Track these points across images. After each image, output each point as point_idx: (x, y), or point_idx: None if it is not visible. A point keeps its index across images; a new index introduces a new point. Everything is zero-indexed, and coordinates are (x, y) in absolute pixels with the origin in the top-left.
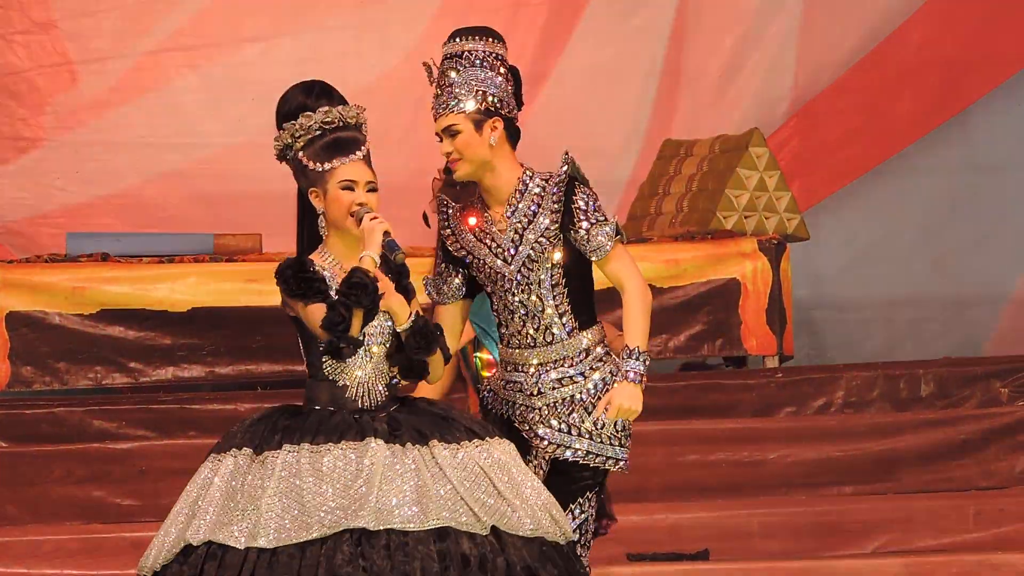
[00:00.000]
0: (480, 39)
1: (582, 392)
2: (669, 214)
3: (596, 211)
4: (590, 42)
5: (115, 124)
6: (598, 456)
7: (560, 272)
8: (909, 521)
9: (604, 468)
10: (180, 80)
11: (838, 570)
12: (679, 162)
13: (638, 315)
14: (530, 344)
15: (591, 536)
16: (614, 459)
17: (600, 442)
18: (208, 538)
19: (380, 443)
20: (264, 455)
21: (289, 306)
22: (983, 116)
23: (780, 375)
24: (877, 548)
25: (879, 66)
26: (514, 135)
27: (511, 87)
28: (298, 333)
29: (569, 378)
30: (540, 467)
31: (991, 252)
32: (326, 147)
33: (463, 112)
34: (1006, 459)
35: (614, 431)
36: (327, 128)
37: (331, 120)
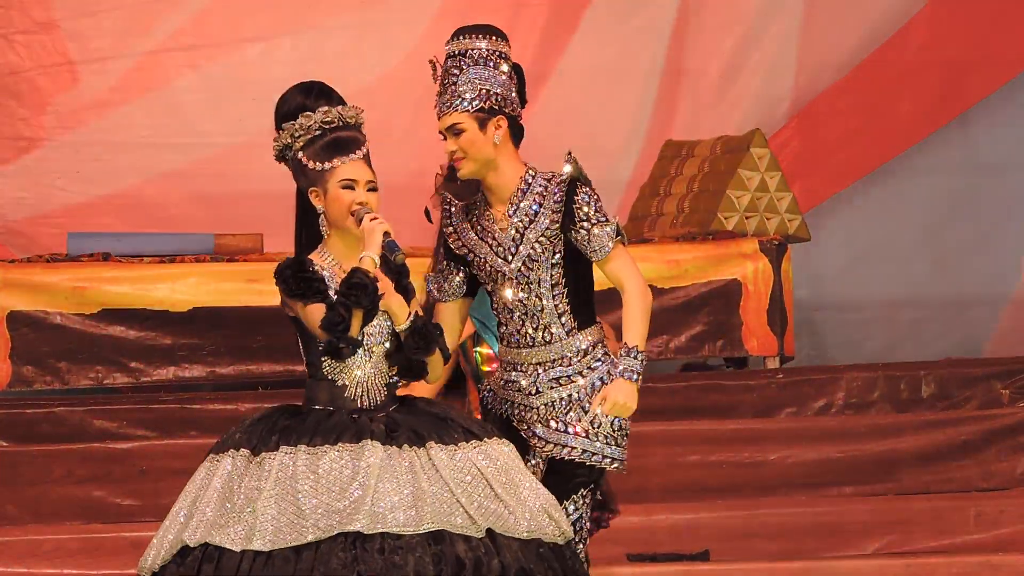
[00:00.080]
0: (483, 37)
1: (579, 392)
2: (670, 215)
3: (597, 212)
4: (591, 42)
5: (116, 124)
6: (593, 455)
7: (560, 272)
8: (910, 522)
9: (600, 467)
10: (181, 80)
11: (839, 571)
12: (680, 163)
13: (637, 315)
14: (529, 343)
15: (587, 534)
16: (610, 458)
17: (596, 441)
18: (205, 540)
19: (376, 445)
20: (261, 456)
21: (288, 306)
22: (984, 117)
23: (781, 376)
24: (878, 549)
25: (880, 67)
26: (518, 133)
27: (515, 85)
28: (297, 333)
29: (567, 377)
30: (538, 467)
31: (992, 253)
32: (326, 147)
33: (467, 111)
34: (1007, 460)
35: (610, 430)
36: (327, 128)
37: (331, 120)
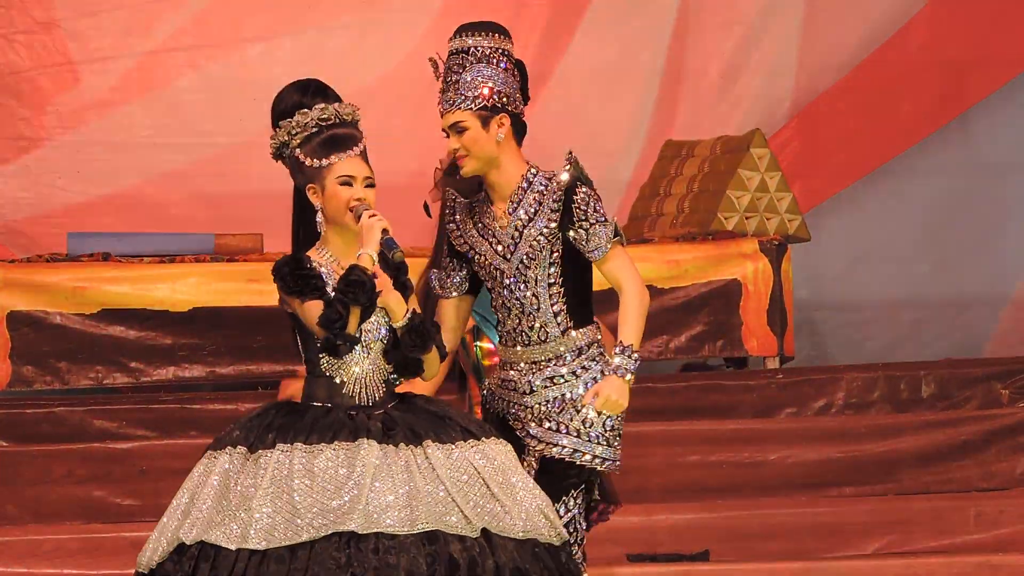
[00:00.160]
0: (486, 35)
1: (573, 391)
2: (670, 215)
3: (596, 211)
4: (591, 43)
5: (117, 124)
6: (584, 454)
7: (558, 271)
8: (910, 522)
9: (590, 467)
10: (181, 80)
11: (839, 571)
12: (680, 163)
13: (633, 315)
14: (525, 342)
15: (582, 536)
16: (600, 458)
17: (587, 440)
18: (201, 538)
19: (372, 444)
20: (258, 453)
21: (286, 302)
22: (984, 117)
23: (781, 376)
24: (877, 549)
25: (880, 67)
26: (520, 131)
27: (517, 82)
28: (296, 330)
29: (560, 377)
30: (531, 466)
31: (992, 253)
32: (323, 143)
33: (470, 109)
34: (1007, 460)
35: (602, 430)
36: (323, 125)
37: (327, 117)
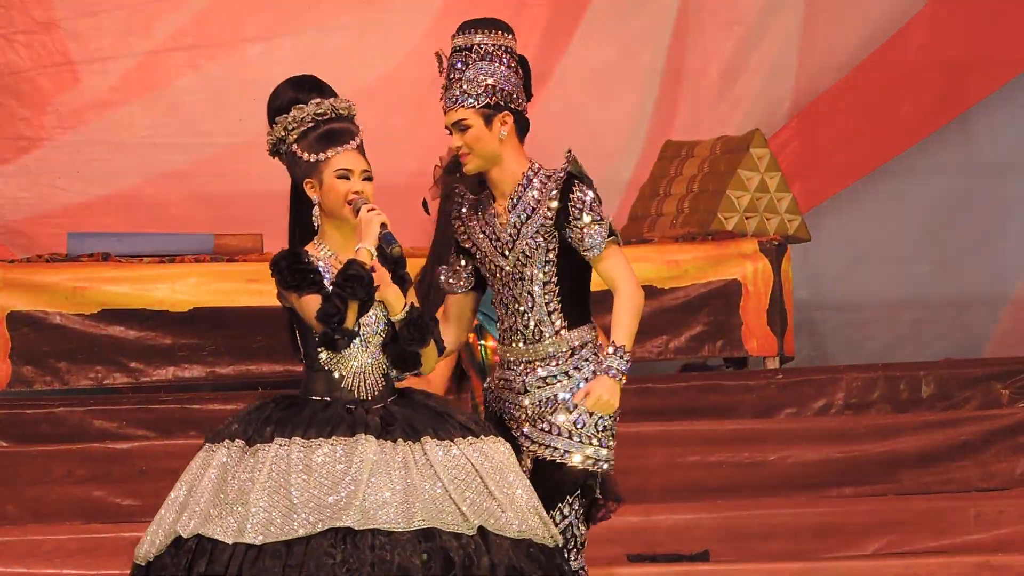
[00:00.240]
0: (489, 32)
1: (566, 391)
2: (670, 215)
3: (592, 210)
4: (591, 43)
5: (117, 124)
6: (576, 455)
7: (553, 269)
8: (909, 523)
9: (582, 468)
10: (181, 80)
11: (838, 571)
12: (680, 163)
13: (626, 315)
14: (520, 340)
15: (580, 543)
16: (593, 459)
17: (579, 441)
18: (198, 531)
19: (370, 440)
20: (255, 447)
21: (284, 297)
22: (984, 117)
23: (781, 376)
24: (877, 549)
25: (880, 67)
26: (523, 127)
27: (520, 79)
28: (294, 324)
29: (553, 377)
30: (526, 466)
31: (992, 253)
32: (320, 138)
33: (473, 107)
34: (1006, 461)
35: (594, 430)
36: (320, 119)
37: (323, 112)
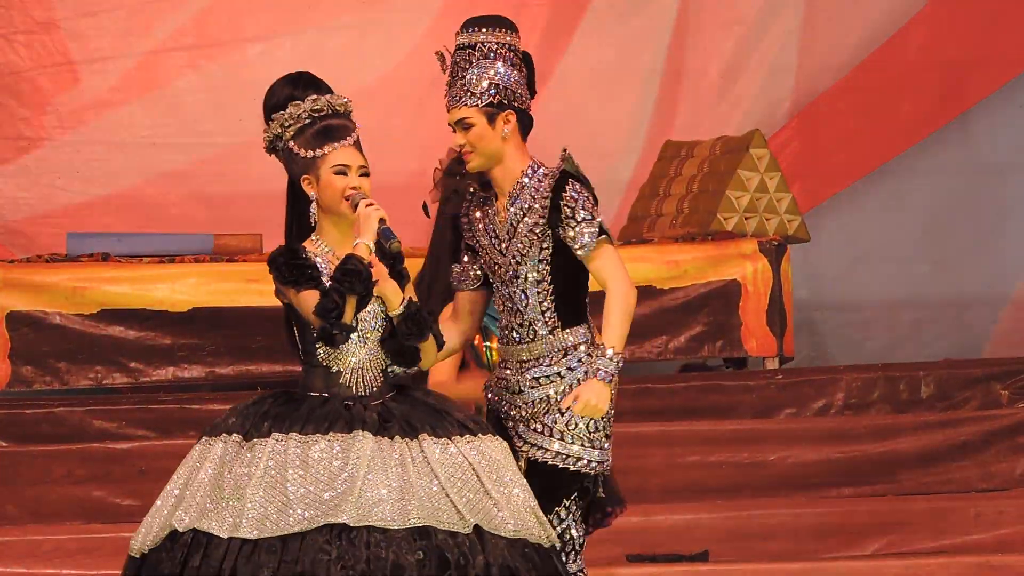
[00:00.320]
0: (493, 30)
1: (558, 392)
2: (670, 215)
3: (583, 208)
4: (591, 43)
5: (116, 124)
6: (568, 457)
7: (547, 268)
8: (909, 523)
9: (574, 470)
10: (181, 80)
11: (838, 571)
12: (680, 163)
13: (617, 315)
14: (515, 340)
15: (579, 545)
16: (585, 460)
17: (570, 443)
18: (193, 526)
19: (367, 436)
20: (252, 442)
21: (282, 293)
22: (984, 117)
23: (780, 376)
24: (877, 550)
25: (880, 67)
26: (527, 126)
27: (524, 77)
28: (292, 320)
29: (546, 377)
30: (521, 468)
31: (992, 254)
32: (317, 134)
33: (476, 106)
34: (1006, 461)
35: (585, 432)
36: (316, 116)
37: (320, 108)
